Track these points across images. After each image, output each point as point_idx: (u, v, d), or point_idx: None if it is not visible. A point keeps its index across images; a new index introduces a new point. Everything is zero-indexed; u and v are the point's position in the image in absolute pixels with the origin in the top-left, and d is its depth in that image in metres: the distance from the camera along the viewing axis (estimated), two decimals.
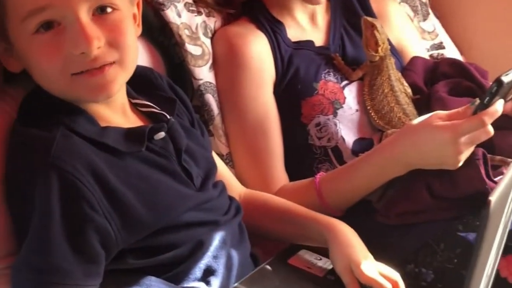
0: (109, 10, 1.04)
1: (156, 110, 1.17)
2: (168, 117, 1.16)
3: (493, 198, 0.74)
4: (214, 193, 1.18)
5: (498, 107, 1.19)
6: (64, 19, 1.00)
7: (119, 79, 1.07)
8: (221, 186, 1.23)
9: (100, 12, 1.03)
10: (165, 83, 1.26)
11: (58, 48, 1.00)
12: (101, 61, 1.02)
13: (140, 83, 1.20)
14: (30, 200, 0.97)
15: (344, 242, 1.20)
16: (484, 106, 1.19)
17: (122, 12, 1.06)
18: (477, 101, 1.20)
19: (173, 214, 1.08)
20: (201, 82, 1.45)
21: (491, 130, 1.20)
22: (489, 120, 1.18)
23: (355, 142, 1.47)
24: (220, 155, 1.46)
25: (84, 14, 1.01)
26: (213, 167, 1.24)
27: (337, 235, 1.21)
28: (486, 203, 0.72)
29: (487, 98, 1.18)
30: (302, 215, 1.28)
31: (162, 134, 1.12)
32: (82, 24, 1.00)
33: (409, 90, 1.54)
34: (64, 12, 1.00)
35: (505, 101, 1.24)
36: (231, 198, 1.25)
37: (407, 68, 1.60)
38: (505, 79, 1.16)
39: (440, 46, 1.83)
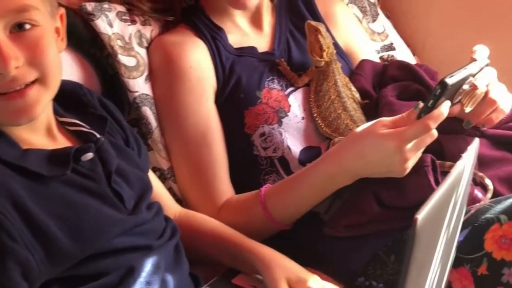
0: (27, 26, 0.98)
1: (85, 129, 1.11)
2: (98, 136, 1.09)
3: (420, 216, 0.68)
4: (148, 216, 1.12)
5: (443, 109, 1.14)
6: None
7: (42, 99, 1.01)
8: (156, 208, 1.17)
9: (18, 29, 0.98)
10: (96, 99, 1.20)
11: None
12: (20, 82, 0.97)
13: (68, 100, 1.14)
14: None
15: (276, 270, 1.16)
16: (429, 109, 1.14)
17: (42, 28, 1.00)
18: (421, 104, 1.15)
19: (101, 241, 1.02)
20: (136, 94, 1.39)
21: (435, 132, 1.16)
22: (433, 124, 1.14)
23: (302, 151, 1.41)
24: (161, 170, 1.41)
25: (0, 32, 0.95)
26: (147, 188, 1.18)
27: (269, 265, 1.17)
28: (413, 221, 0.67)
29: (431, 101, 1.13)
30: (233, 243, 1.24)
31: (90, 155, 1.06)
32: None
33: (357, 95, 1.49)
34: None
35: (452, 103, 1.19)
36: (167, 220, 1.19)
37: (356, 72, 1.55)
38: (449, 81, 1.12)
39: (390, 47, 1.78)
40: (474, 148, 0.97)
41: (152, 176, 1.30)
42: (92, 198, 1.03)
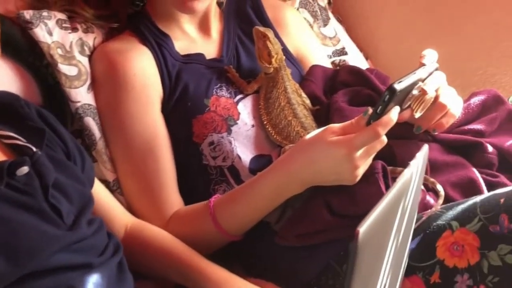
0: None
1: (21, 142, 1.06)
2: (34, 150, 1.05)
3: (362, 228, 0.66)
4: (88, 231, 1.08)
5: (393, 115, 1.12)
6: None
7: None
8: (97, 223, 1.12)
9: None
10: (34, 111, 1.14)
11: None
12: None
13: (4, 113, 1.10)
14: None
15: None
16: (378, 115, 1.12)
17: None
18: (370, 110, 1.12)
19: (38, 259, 0.97)
20: (78, 104, 1.34)
21: (385, 138, 1.14)
22: (383, 131, 1.12)
23: (253, 159, 1.38)
24: (106, 182, 1.36)
25: None
26: (88, 202, 1.13)
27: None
28: (354, 233, 0.64)
29: (380, 107, 1.11)
30: (184, 262, 1.21)
31: (25, 169, 1.01)
32: None
33: (308, 102, 1.46)
34: None
35: (402, 109, 1.17)
36: (110, 235, 1.14)
37: (306, 77, 1.53)
38: (398, 86, 1.10)
39: (342, 51, 1.76)
40: (422, 154, 0.94)
41: (101, 187, 1.27)
42: (28, 214, 0.99)
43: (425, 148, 0.97)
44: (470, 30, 1.75)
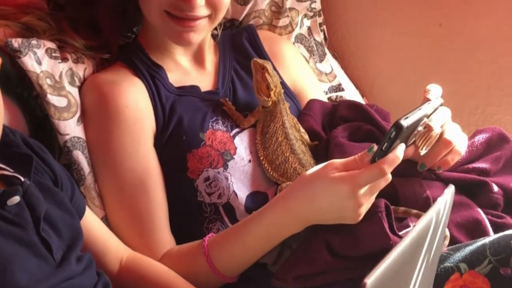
0: None
1: (7, 172, 1.02)
2: (22, 179, 1.00)
3: (370, 280, 0.59)
4: (77, 269, 1.03)
5: (399, 153, 1.08)
6: None
7: None
8: (86, 260, 1.07)
9: None
10: (19, 138, 1.10)
11: None
12: None
13: None
14: None
15: None
16: (383, 152, 1.07)
17: None
18: (375, 147, 1.08)
19: None
20: (67, 137, 1.28)
21: (389, 176, 1.10)
22: (389, 169, 1.08)
23: (249, 196, 1.33)
24: None
25: None
26: (78, 236, 1.08)
27: None
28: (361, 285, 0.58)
29: (386, 144, 1.07)
30: None
31: (16, 199, 0.98)
32: None
33: (306, 137, 1.42)
34: None
35: (407, 145, 1.13)
36: (99, 274, 1.09)
37: (304, 112, 1.49)
38: (405, 122, 1.05)
39: (339, 88, 1.72)
40: (446, 198, 0.89)
41: (94, 218, 1.24)
42: (19, 247, 0.95)
43: (451, 189, 0.91)
44: (469, 67, 1.72)
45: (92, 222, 1.21)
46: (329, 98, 1.67)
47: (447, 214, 0.92)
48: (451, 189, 0.90)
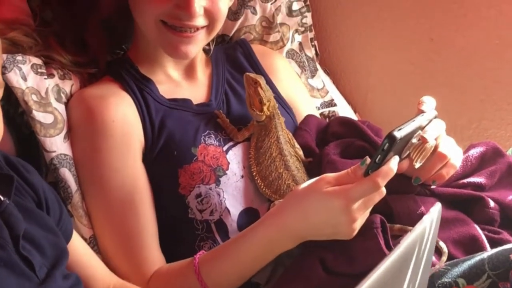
0: None
1: None
2: (2, 199, 0.98)
3: None
4: (64, 286, 1.01)
5: (393, 165, 1.06)
6: None
7: None
8: (74, 279, 1.04)
9: None
10: (0, 158, 1.07)
11: None
12: None
13: None
14: None
15: None
16: (377, 165, 1.05)
17: None
18: (368, 159, 1.05)
19: None
20: (54, 154, 1.25)
21: (384, 190, 1.08)
22: (383, 182, 1.05)
23: (241, 213, 1.30)
24: (83, 239, 1.26)
25: None
26: (63, 255, 1.05)
27: None
28: None
29: (379, 156, 1.04)
30: None
31: None
32: None
33: (300, 153, 1.39)
34: None
35: (401, 158, 1.10)
36: None
37: (301, 127, 1.46)
38: (398, 134, 1.03)
39: (331, 103, 1.70)
40: (431, 216, 0.86)
41: (82, 244, 1.20)
42: None
43: (438, 207, 0.88)
44: (461, 81, 1.70)
45: (78, 247, 1.18)
46: (321, 114, 1.65)
47: (435, 232, 0.90)
48: (437, 207, 0.88)
